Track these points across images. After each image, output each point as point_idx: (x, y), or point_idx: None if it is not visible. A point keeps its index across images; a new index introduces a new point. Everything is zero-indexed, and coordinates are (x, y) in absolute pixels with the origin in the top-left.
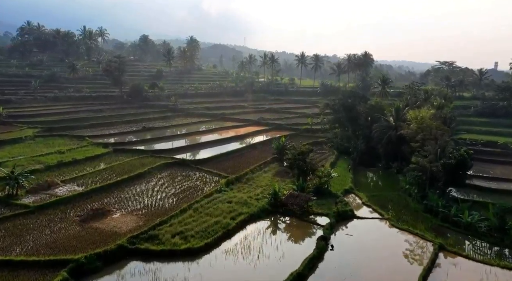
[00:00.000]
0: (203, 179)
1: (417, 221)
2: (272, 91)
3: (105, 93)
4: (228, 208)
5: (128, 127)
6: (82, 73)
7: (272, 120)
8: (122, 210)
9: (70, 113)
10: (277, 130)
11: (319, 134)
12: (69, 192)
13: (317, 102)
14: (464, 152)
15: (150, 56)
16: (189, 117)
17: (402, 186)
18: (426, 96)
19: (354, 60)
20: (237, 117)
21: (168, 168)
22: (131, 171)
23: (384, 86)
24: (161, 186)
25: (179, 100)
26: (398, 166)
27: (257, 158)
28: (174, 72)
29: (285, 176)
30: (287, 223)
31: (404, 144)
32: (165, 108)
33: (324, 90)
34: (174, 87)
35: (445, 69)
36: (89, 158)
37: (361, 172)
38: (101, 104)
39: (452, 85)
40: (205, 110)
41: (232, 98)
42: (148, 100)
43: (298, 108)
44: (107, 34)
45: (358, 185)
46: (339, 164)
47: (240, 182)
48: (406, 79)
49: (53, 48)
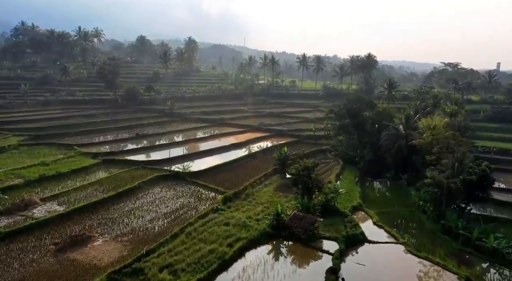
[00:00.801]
0: (198, 195)
1: (435, 244)
2: (272, 94)
3: (99, 96)
4: (225, 232)
5: (120, 134)
6: (76, 75)
7: (273, 125)
8: (105, 236)
9: (60, 118)
10: (278, 137)
11: (322, 141)
12: (48, 213)
13: (319, 106)
14: (485, 167)
15: (148, 57)
16: (186, 122)
17: (414, 202)
18: (435, 101)
19: (357, 62)
20: (236, 122)
21: (160, 182)
22: (120, 186)
23: (390, 90)
24: (152, 204)
25: (175, 104)
26: (408, 178)
27: (257, 169)
28: (172, 74)
29: (287, 191)
30: (291, 250)
31: (415, 154)
32: (161, 113)
33: (326, 93)
34: (171, 90)
35: (449, 71)
36: (75, 170)
37: (368, 183)
38: (94, 108)
39: (460, 88)
40: (203, 114)
41: (231, 101)
42: (144, 104)
43: (299, 112)
44: (103, 34)
45: (366, 199)
46: (345, 175)
47: (238, 198)
48: (409, 80)
49: (48, 49)
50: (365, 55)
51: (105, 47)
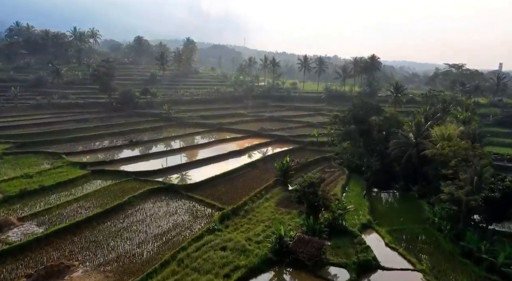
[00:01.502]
0: (193, 212)
1: (456, 271)
2: (273, 97)
3: (94, 99)
4: (221, 258)
5: (114, 140)
6: (71, 77)
7: (274, 130)
8: (86, 264)
9: (50, 124)
10: (280, 143)
11: (325, 147)
12: (24, 236)
13: (321, 109)
14: (510, 183)
15: (146, 58)
16: (183, 127)
17: (428, 217)
18: (444, 105)
19: (361, 64)
20: (235, 127)
21: (153, 196)
22: (108, 202)
23: (397, 93)
24: (142, 223)
25: (172, 108)
26: (420, 190)
27: (258, 180)
28: (169, 75)
29: (290, 206)
30: (295, 280)
31: (426, 164)
32: (157, 117)
33: (329, 96)
34: (168, 93)
35: (454, 72)
36: (61, 183)
37: (376, 195)
38: (88, 112)
39: (467, 91)
40: (201, 119)
41: (231, 104)
42: (140, 107)
43: (301, 116)
44: (99, 35)
45: (375, 213)
46: (351, 186)
47: (237, 215)
48: (411, 81)
49: (43, 50)
50: (368, 57)
51: (103, 47)
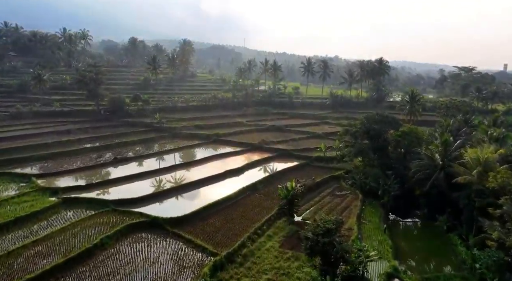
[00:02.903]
0: (179, 258)
1: None
2: (274, 103)
3: (81, 107)
4: None
5: (96, 157)
6: (59, 81)
7: (276, 143)
8: None
9: (27, 137)
10: (283, 158)
11: (334, 164)
12: None
13: (326, 117)
14: None
15: (141, 60)
16: (176, 139)
17: (464, 260)
18: (467, 117)
19: (367, 68)
20: (233, 139)
21: (132, 233)
22: (74, 245)
23: (413, 102)
24: (112, 278)
25: (166, 116)
26: (448, 221)
27: (258, 209)
28: (164, 79)
29: (297, 246)
30: None
31: (456, 190)
32: (148, 127)
33: (334, 102)
34: (162, 99)
35: (463, 75)
36: (22, 218)
37: (396, 225)
38: (72, 122)
39: (484, 97)
40: (196, 129)
41: (229, 111)
42: (130, 116)
43: (305, 126)
44: (90, 36)
45: (399, 251)
46: (367, 214)
47: (233, 262)
48: (416, 83)
49: (32, 53)
50: (375, 60)
51: (99, 48)
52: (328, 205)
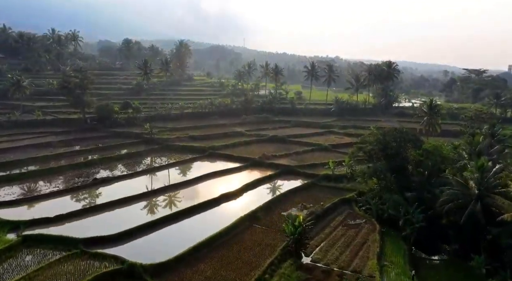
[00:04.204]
0: None
1: None
2: (276, 110)
3: (66, 115)
4: None
5: (75, 176)
6: (46, 86)
7: (278, 157)
8: None
9: (0, 152)
10: (286, 176)
11: (344, 183)
12: None
13: (332, 126)
14: None
15: (136, 62)
16: (167, 152)
17: None
18: (493, 131)
19: (375, 72)
20: (231, 152)
21: None
22: None
23: (431, 114)
24: None
25: (158, 126)
26: (487, 263)
27: (259, 248)
28: (159, 84)
29: None
30: None
31: (498, 225)
32: (138, 138)
33: (339, 109)
34: (155, 105)
35: (473, 78)
36: None
37: (421, 264)
38: (54, 133)
39: (502, 104)
40: (190, 141)
41: (227, 119)
42: (119, 125)
43: (310, 136)
44: (81, 38)
45: None
46: (388, 251)
47: None
48: (421, 86)
49: (23, 55)
50: (382, 62)
51: (95, 49)
52: (342, 240)
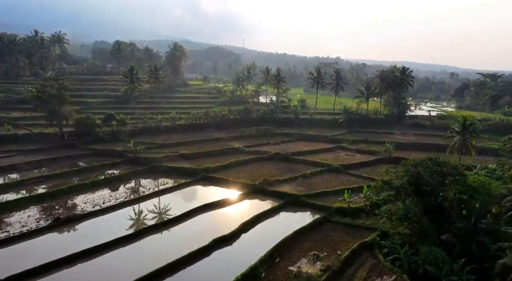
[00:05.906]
0: None
1: None
2: (278, 121)
3: (41, 128)
4: None
5: (35, 214)
6: (24, 93)
7: (282, 182)
8: None
9: None
10: (292, 208)
11: (362, 219)
12: None
13: (342, 141)
14: None
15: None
16: (152, 176)
17: None
18: None
19: (387, 79)
20: (226, 176)
21: None
22: None
23: (465, 134)
24: None
25: (145, 142)
26: None
27: None
28: (150, 91)
29: None
30: None
31: None
32: (121, 158)
33: (348, 119)
34: (145, 115)
35: (488, 83)
36: None
37: None
38: (24, 151)
39: None
40: (181, 160)
41: (223, 132)
42: (101, 141)
43: (317, 152)
44: (66, 40)
45: None
46: None
47: None
48: (427, 89)
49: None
50: (393, 67)
51: (85, 51)
52: None
